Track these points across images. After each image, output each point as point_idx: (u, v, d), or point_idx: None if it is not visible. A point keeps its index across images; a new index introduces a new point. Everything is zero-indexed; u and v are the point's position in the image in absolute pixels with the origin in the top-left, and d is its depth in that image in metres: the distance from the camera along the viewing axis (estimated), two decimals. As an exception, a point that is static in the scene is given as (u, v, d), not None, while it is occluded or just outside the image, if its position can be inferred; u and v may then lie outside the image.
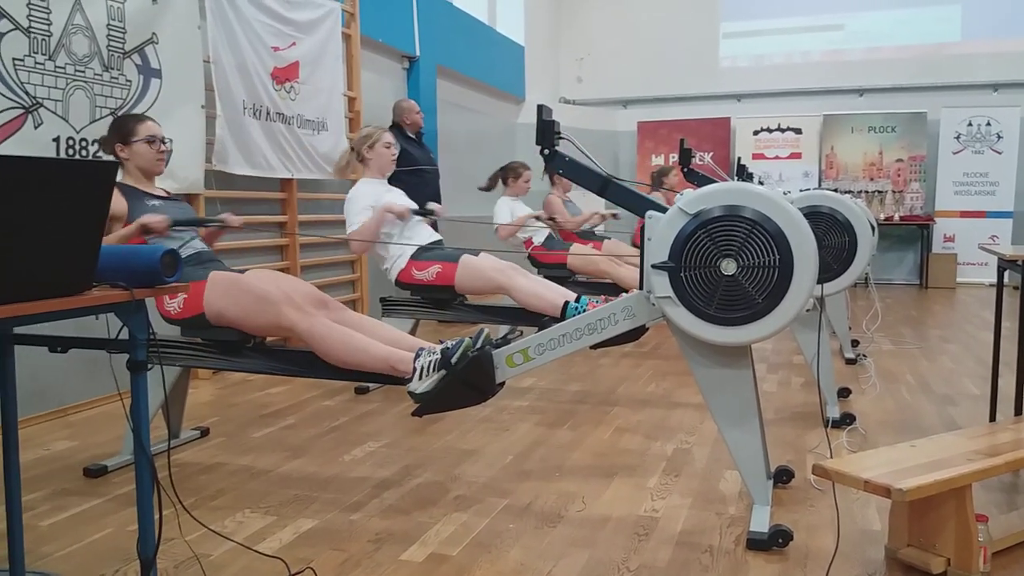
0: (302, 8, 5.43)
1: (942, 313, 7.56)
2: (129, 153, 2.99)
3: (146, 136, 3.00)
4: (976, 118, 9.68)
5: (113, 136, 3.02)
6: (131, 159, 3.00)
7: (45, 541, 2.38)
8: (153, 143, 3.01)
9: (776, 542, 2.28)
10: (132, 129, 3.00)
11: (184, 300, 2.84)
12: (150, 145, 3.01)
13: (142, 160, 3.01)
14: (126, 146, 2.99)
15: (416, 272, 4.03)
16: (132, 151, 2.99)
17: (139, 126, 3.01)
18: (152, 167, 3.05)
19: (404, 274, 4.06)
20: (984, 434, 2.49)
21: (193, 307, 2.81)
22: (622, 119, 11.21)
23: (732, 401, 2.38)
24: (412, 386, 2.56)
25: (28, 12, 3.44)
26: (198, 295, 2.79)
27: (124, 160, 3.00)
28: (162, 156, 3.06)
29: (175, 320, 2.90)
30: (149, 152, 3.01)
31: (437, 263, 4.01)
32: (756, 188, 2.30)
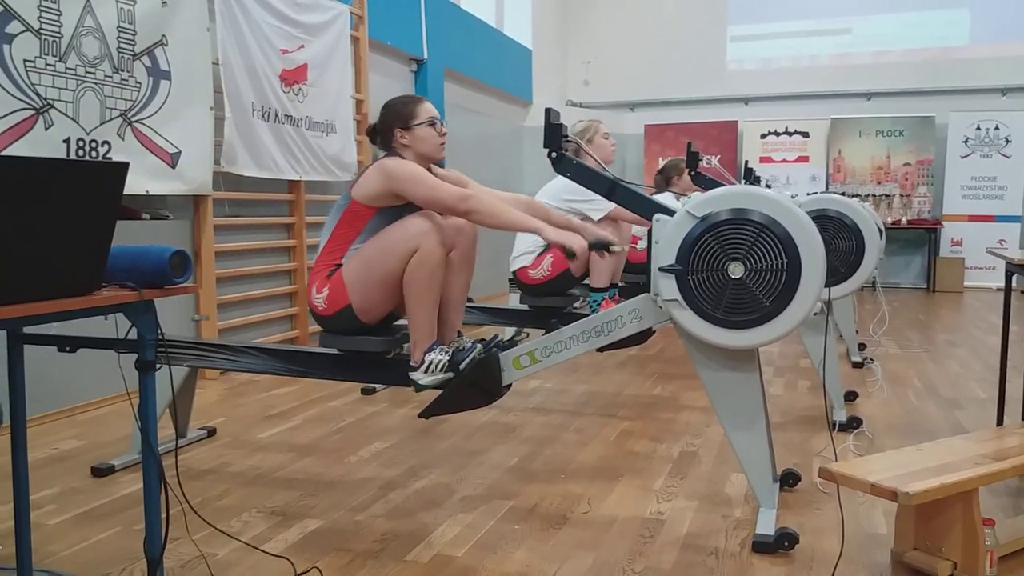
0: (311, 11, 5.44)
1: (949, 317, 7.53)
2: (411, 139, 2.68)
3: (428, 118, 2.68)
4: (984, 122, 9.65)
5: (392, 120, 2.70)
6: (412, 145, 2.68)
7: (52, 540, 2.39)
8: (435, 125, 2.70)
9: (782, 545, 2.28)
10: (413, 111, 2.68)
11: (327, 296, 2.63)
12: (432, 127, 2.69)
13: (425, 145, 2.68)
14: (407, 131, 2.67)
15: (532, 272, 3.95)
16: (414, 136, 2.67)
17: (419, 107, 2.70)
18: (436, 153, 2.71)
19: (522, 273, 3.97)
20: (991, 438, 2.48)
21: (338, 299, 2.62)
22: (629, 122, 11.21)
23: (739, 404, 2.38)
24: (416, 375, 2.58)
25: (39, 14, 3.46)
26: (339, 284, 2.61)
27: (403, 148, 2.69)
28: (444, 140, 2.72)
29: (324, 317, 2.68)
30: (432, 135, 2.69)
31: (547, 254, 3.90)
32: (764, 191, 2.30)
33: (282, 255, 5.42)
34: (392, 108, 2.73)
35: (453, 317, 2.77)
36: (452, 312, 2.77)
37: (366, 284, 2.58)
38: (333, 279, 2.63)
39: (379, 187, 2.60)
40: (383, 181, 2.59)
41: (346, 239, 2.66)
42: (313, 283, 2.68)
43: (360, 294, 2.59)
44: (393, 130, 2.70)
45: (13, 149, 3.35)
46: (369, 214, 2.64)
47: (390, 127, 2.71)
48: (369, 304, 2.60)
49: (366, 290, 2.58)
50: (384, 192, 2.60)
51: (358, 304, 2.60)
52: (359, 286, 2.58)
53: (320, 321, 2.71)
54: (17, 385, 1.92)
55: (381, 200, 2.62)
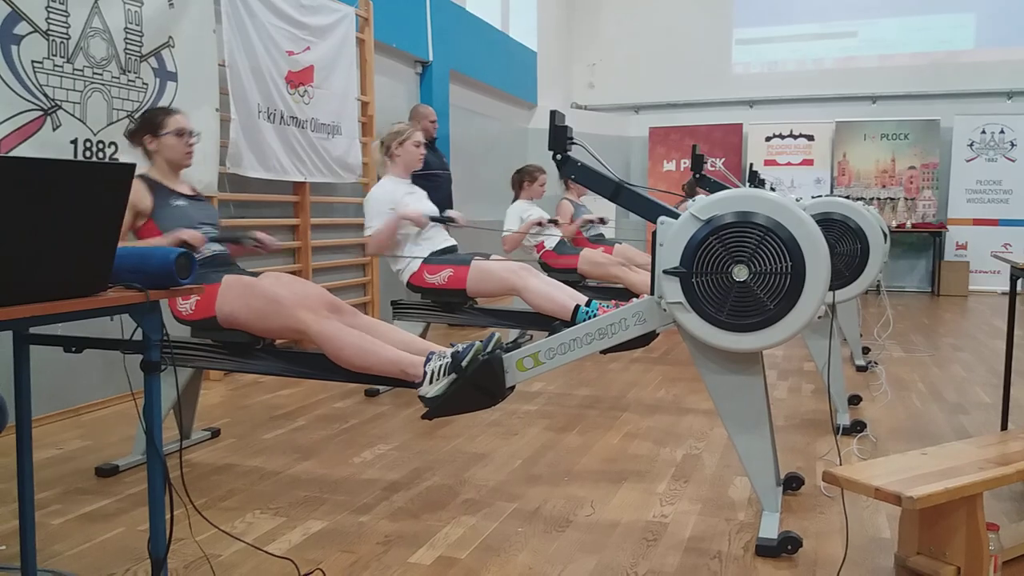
0: (317, 13, 5.46)
1: (954, 321, 7.52)
2: (158, 146, 2.98)
3: (175, 128, 2.99)
4: (989, 126, 9.64)
5: (142, 128, 3.01)
6: (159, 152, 2.99)
7: (56, 539, 2.40)
8: (182, 136, 3.00)
9: (785, 549, 2.28)
10: (162, 122, 2.99)
11: (196, 302, 2.85)
12: (179, 138, 3.00)
13: (171, 153, 3.00)
14: (155, 138, 2.98)
15: (428, 275, 4.04)
16: (161, 143, 2.98)
17: (169, 119, 3.01)
18: (181, 160, 3.03)
19: (416, 277, 4.08)
20: (995, 443, 2.48)
21: (205, 309, 2.83)
22: (634, 124, 11.21)
23: (743, 407, 2.38)
24: (423, 390, 2.57)
25: (47, 15, 3.47)
26: (211, 298, 2.80)
27: (152, 152, 3.00)
28: (191, 149, 3.04)
29: (186, 321, 2.91)
30: (179, 145, 3.00)
31: (449, 267, 4.02)
32: (768, 194, 2.30)
33: (286, 256, 5.43)
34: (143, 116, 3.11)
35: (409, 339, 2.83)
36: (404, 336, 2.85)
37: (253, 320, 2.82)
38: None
39: None
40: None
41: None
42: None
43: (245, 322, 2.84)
44: (142, 135, 3.00)
45: (21, 150, 3.37)
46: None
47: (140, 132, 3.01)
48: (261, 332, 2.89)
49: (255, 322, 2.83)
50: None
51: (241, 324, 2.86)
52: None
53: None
54: (22, 385, 1.93)
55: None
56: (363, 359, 2.65)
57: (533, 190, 5.59)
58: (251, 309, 2.76)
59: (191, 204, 3.03)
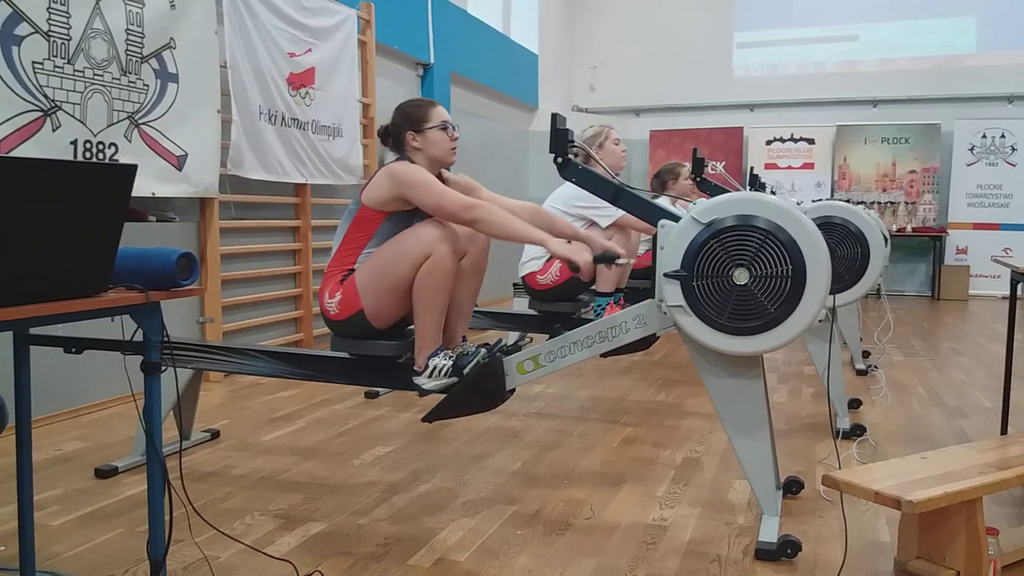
0: (318, 15, 5.46)
1: (954, 325, 7.52)
2: (422, 142, 2.69)
3: (441, 122, 2.70)
4: (990, 130, 9.65)
5: (404, 123, 2.71)
6: (424, 148, 2.70)
7: (55, 541, 2.40)
8: (447, 129, 2.71)
9: (785, 552, 2.28)
10: (426, 115, 2.70)
11: (340, 301, 2.64)
12: (445, 131, 2.71)
13: (436, 149, 2.70)
14: (419, 134, 2.69)
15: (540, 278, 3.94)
16: (426, 139, 2.69)
17: (432, 111, 2.72)
18: (447, 157, 2.73)
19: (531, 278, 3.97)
20: (995, 447, 2.48)
21: (350, 304, 2.62)
22: (635, 127, 11.21)
23: (743, 411, 2.38)
24: (420, 379, 2.59)
25: (48, 16, 3.48)
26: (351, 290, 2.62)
27: (414, 150, 2.71)
28: (456, 144, 2.73)
29: (334, 322, 2.68)
30: (444, 139, 2.70)
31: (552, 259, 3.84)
32: (769, 198, 2.30)
33: (288, 258, 5.43)
34: (404, 111, 2.75)
35: (460, 322, 2.78)
36: (459, 318, 2.77)
37: (378, 289, 2.58)
38: (346, 284, 2.63)
39: (388, 192, 2.60)
40: (391, 186, 2.59)
41: (358, 244, 2.66)
42: (325, 287, 2.68)
43: (372, 299, 2.59)
44: (404, 132, 2.71)
45: (21, 150, 3.37)
46: (379, 219, 2.64)
47: (401, 129, 2.72)
48: (381, 309, 2.60)
49: (378, 295, 2.58)
50: (393, 197, 2.60)
51: (370, 309, 2.60)
52: (371, 291, 2.58)
53: (331, 325, 2.71)
54: (22, 386, 1.93)
55: (390, 205, 2.62)
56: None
57: (680, 186, 5.14)
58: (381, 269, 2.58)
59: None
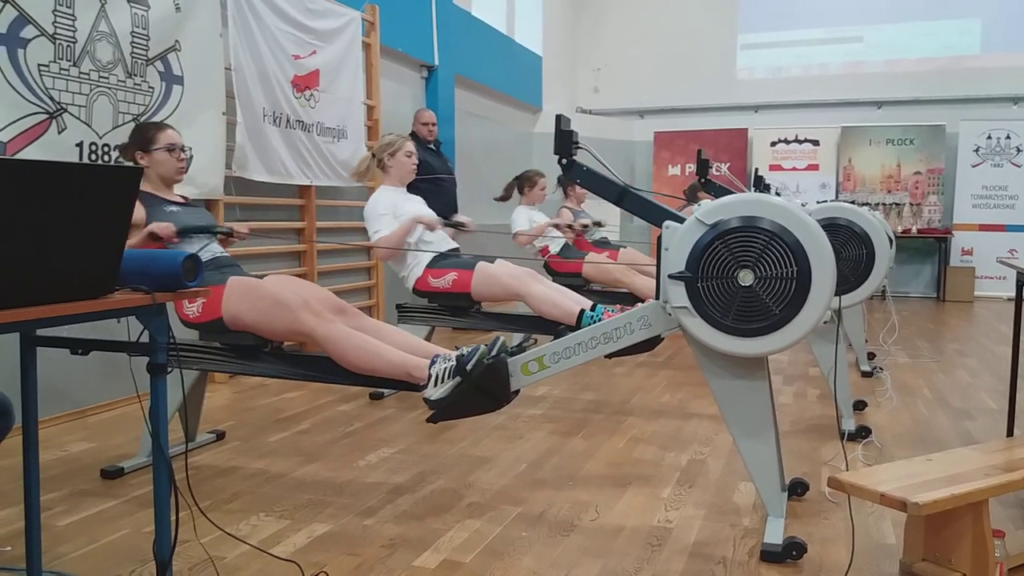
0: (323, 17, 5.47)
1: (959, 326, 7.50)
2: (149, 161, 2.98)
3: (166, 144, 3.00)
4: (995, 131, 9.63)
5: (133, 144, 3.02)
6: (151, 167, 2.99)
7: (61, 541, 2.40)
8: (173, 151, 3.01)
9: (790, 554, 2.27)
10: (152, 137, 3.00)
11: (202, 305, 2.84)
12: (170, 153, 3.00)
13: (162, 168, 3.00)
14: (146, 154, 2.99)
15: (432, 280, 4.04)
16: (152, 159, 2.98)
17: (160, 134, 3.01)
18: (172, 175, 3.04)
19: (421, 282, 4.08)
20: (1001, 449, 2.47)
21: (211, 311, 2.83)
22: (639, 129, 11.22)
23: (748, 412, 2.38)
24: (427, 392, 2.57)
25: (54, 19, 3.49)
26: (216, 300, 2.80)
27: (144, 168, 2.97)
28: (182, 164, 3.05)
29: (193, 324, 2.91)
30: (169, 160, 3.00)
31: (453, 271, 4.02)
32: (774, 199, 2.30)
33: (292, 259, 5.44)
34: (135, 131, 3.08)
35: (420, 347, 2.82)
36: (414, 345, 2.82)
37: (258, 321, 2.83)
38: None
39: None
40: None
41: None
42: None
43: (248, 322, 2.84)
44: (134, 151, 3.00)
45: (26, 153, 3.38)
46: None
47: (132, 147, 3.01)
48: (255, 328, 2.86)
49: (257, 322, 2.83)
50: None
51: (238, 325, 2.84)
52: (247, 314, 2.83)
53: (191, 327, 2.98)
54: (29, 387, 1.93)
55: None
56: (368, 362, 2.65)
57: (534, 195, 5.60)
58: (256, 311, 2.76)
59: (184, 210, 3.04)
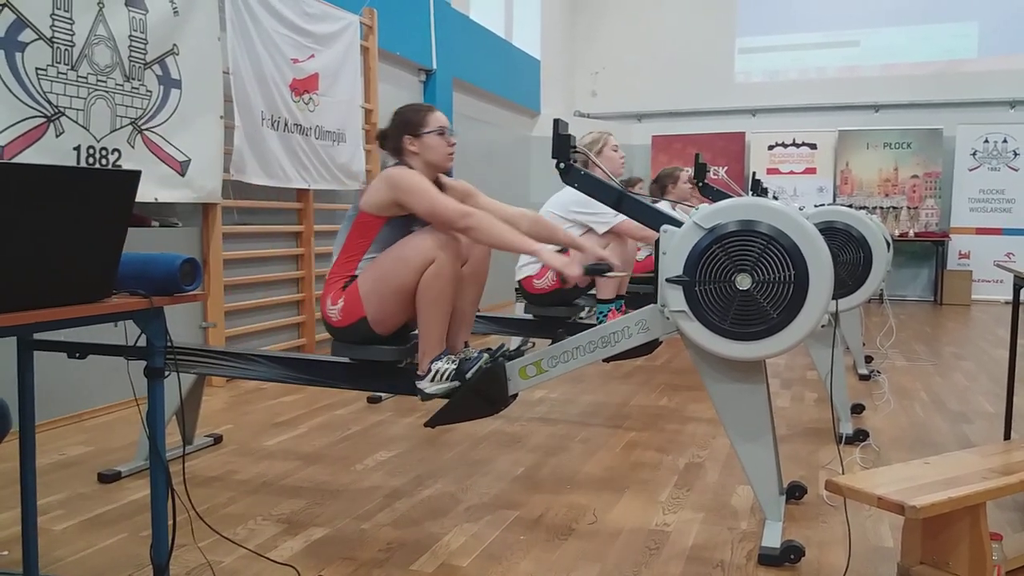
0: (321, 21, 5.47)
1: (957, 330, 7.51)
2: (420, 147, 2.68)
3: (438, 127, 2.70)
4: (992, 135, 9.65)
5: (400, 127, 2.71)
6: (421, 153, 2.69)
7: (58, 545, 2.40)
8: (444, 134, 2.71)
9: (788, 558, 2.27)
10: (423, 120, 2.70)
11: (342, 308, 2.64)
12: (442, 136, 2.70)
13: (433, 154, 2.69)
14: (416, 139, 2.68)
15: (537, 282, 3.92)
16: (423, 144, 2.68)
17: (430, 116, 2.72)
18: (444, 162, 2.73)
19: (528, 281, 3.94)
20: (999, 452, 2.47)
21: (353, 311, 2.62)
22: (637, 133, 11.22)
23: (745, 416, 2.38)
24: (422, 384, 2.58)
25: (52, 23, 3.49)
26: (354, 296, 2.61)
27: (412, 154, 2.70)
28: (453, 150, 2.74)
29: (336, 328, 2.68)
30: (441, 145, 2.70)
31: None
32: (771, 203, 2.30)
33: (290, 263, 5.44)
34: (403, 115, 2.75)
35: (462, 328, 2.78)
36: (461, 324, 2.77)
37: (381, 296, 2.58)
38: (348, 291, 2.63)
39: (384, 197, 2.61)
40: (388, 191, 2.60)
41: (358, 249, 2.67)
42: (328, 294, 2.68)
43: (375, 306, 2.59)
44: (402, 136, 2.70)
45: (24, 156, 3.38)
46: (379, 224, 2.64)
47: (400, 133, 2.72)
48: (384, 316, 2.61)
49: (381, 302, 2.58)
50: (389, 202, 2.61)
51: (373, 316, 2.60)
52: (374, 298, 2.58)
53: (333, 332, 2.71)
54: (27, 391, 1.93)
55: (387, 210, 2.63)
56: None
57: (679, 191, 5.23)
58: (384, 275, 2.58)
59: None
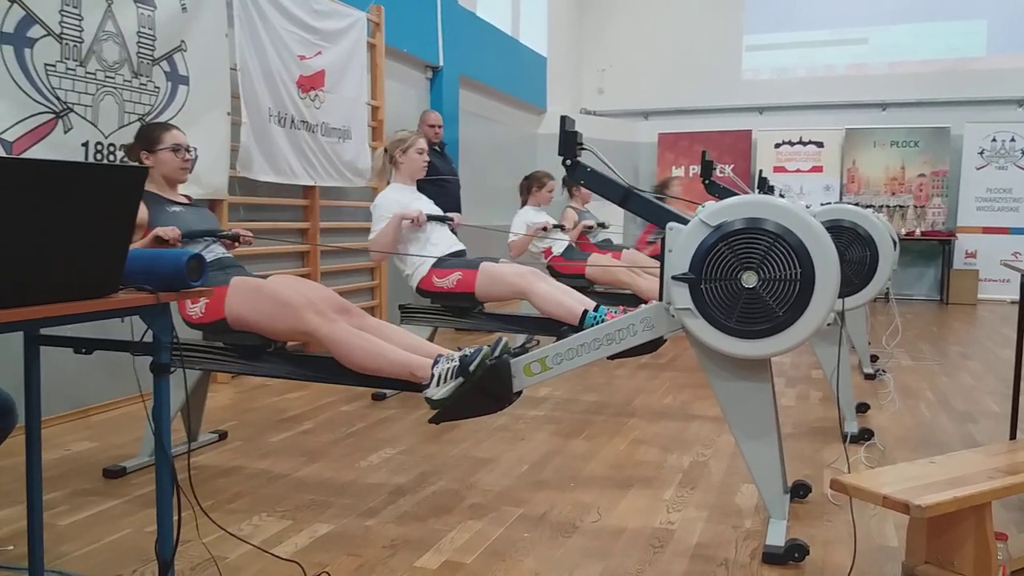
0: (328, 17, 5.48)
1: (963, 329, 7.49)
2: (154, 161, 2.99)
3: (171, 144, 3.01)
4: (1000, 133, 9.60)
5: (138, 143, 3.04)
6: (156, 167, 2.99)
7: (64, 540, 2.41)
8: (178, 151, 3.02)
9: (792, 556, 2.27)
10: (158, 137, 3.01)
11: (206, 305, 2.85)
12: (175, 153, 3.01)
13: (166, 168, 3.01)
14: (151, 154, 3.00)
15: (437, 280, 4.04)
16: (157, 159, 2.99)
17: (165, 134, 3.02)
18: (176, 175, 3.05)
19: (425, 281, 4.07)
20: (1004, 452, 2.47)
21: (214, 312, 2.83)
22: (643, 130, 11.21)
23: (750, 414, 2.38)
24: (429, 392, 2.57)
25: (61, 19, 3.50)
26: (219, 300, 2.81)
27: (148, 168, 2.97)
28: (187, 165, 3.06)
29: (196, 325, 2.92)
30: (174, 160, 3.01)
31: (458, 270, 4.02)
32: (778, 201, 2.30)
33: (296, 260, 5.45)
34: (141, 131, 3.10)
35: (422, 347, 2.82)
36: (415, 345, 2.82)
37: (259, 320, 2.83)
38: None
39: None
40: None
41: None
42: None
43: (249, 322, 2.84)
44: (139, 151, 3.01)
45: (33, 152, 3.39)
46: None
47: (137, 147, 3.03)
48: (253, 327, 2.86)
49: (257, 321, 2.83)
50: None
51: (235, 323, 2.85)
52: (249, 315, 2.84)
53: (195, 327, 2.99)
54: (33, 386, 1.94)
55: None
56: (372, 361, 2.66)
57: (541, 196, 5.57)
58: (259, 311, 2.76)
59: (188, 210, 3.06)
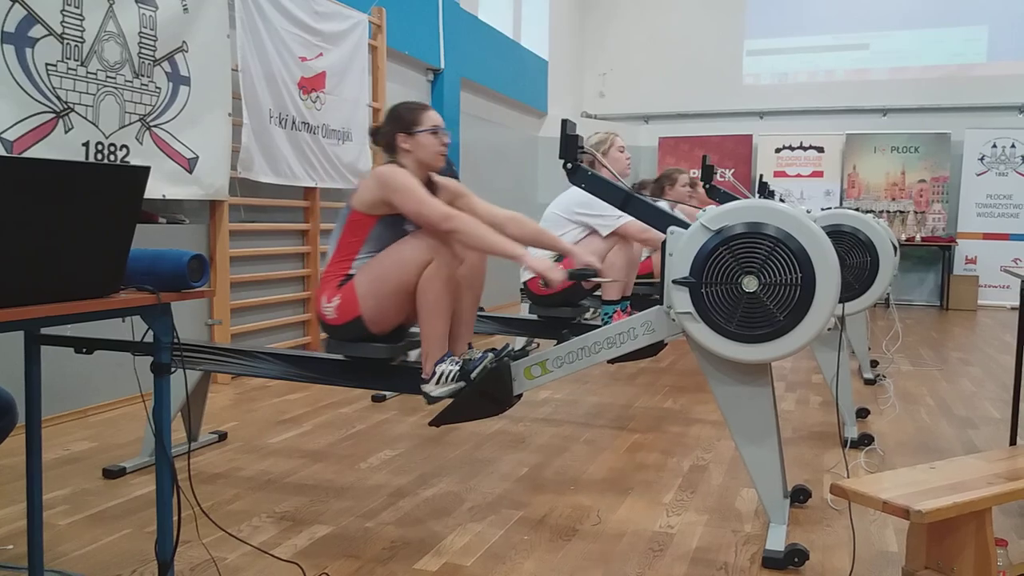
0: (330, 19, 5.48)
1: (963, 335, 7.49)
2: (412, 144, 2.69)
3: (431, 126, 2.71)
4: (1001, 140, 9.62)
5: (394, 125, 2.73)
6: (413, 151, 2.70)
7: (63, 540, 2.41)
8: (437, 133, 2.72)
9: (792, 561, 2.27)
10: (416, 118, 2.71)
11: (338, 306, 2.64)
12: (434, 136, 2.71)
13: (425, 152, 2.70)
14: (410, 136, 2.69)
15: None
16: (416, 142, 2.69)
17: (424, 115, 2.73)
18: (434, 161, 2.73)
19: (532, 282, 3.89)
20: (1005, 458, 2.47)
21: (348, 310, 2.63)
22: (644, 134, 11.22)
23: (750, 419, 2.38)
24: (427, 387, 2.58)
25: (62, 19, 3.50)
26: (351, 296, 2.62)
27: (404, 152, 2.71)
28: (445, 149, 2.75)
29: (331, 326, 2.69)
30: (434, 143, 2.71)
31: None
32: (779, 206, 2.30)
33: (296, 261, 5.45)
34: (396, 113, 2.77)
35: (464, 330, 2.78)
36: (463, 325, 2.78)
37: (378, 296, 2.58)
38: (344, 289, 2.63)
39: (374, 195, 2.63)
40: (377, 189, 2.62)
41: (352, 248, 2.68)
42: (323, 292, 2.68)
43: (372, 305, 2.59)
44: (395, 134, 2.73)
45: (34, 151, 3.39)
46: (370, 222, 2.66)
47: (393, 130, 2.74)
48: (380, 315, 2.61)
49: (378, 301, 2.59)
50: (379, 200, 2.62)
51: (369, 315, 2.60)
52: (371, 297, 2.59)
53: (328, 330, 2.72)
54: (33, 385, 1.94)
55: (378, 208, 2.64)
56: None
57: (676, 192, 5.25)
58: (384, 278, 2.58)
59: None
